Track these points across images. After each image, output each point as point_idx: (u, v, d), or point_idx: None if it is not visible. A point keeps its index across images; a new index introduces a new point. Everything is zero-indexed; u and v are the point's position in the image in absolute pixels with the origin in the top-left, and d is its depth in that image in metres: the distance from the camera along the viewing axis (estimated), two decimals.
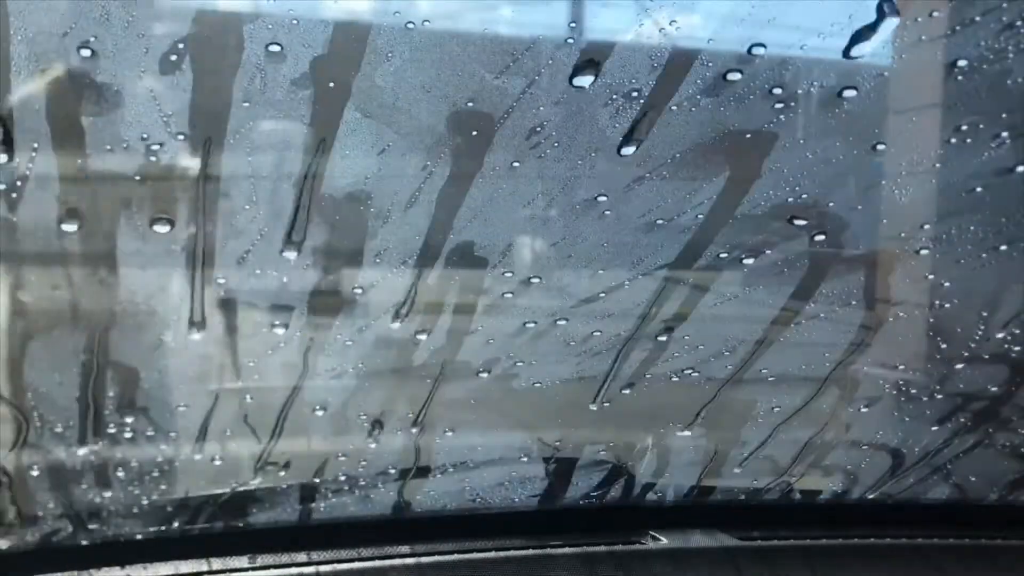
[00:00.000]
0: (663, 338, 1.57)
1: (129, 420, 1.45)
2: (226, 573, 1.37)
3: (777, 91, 1.39)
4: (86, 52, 1.21)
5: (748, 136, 1.44)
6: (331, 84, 1.29)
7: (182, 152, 1.30)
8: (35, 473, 1.43)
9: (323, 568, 1.38)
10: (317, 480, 1.53)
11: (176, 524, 1.46)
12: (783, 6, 1.35)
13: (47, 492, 1.44)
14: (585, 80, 1.34)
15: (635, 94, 1.36)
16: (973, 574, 1.61)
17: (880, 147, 1.50)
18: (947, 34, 1.40)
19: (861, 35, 1.35)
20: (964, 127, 1.45)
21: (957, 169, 1.47)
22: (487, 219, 1.42)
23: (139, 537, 1.45)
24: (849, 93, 1.41)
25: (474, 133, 1.37)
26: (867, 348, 1.66)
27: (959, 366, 1.64)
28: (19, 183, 1.27)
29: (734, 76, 1.37)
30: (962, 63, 1.41)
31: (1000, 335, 1.60)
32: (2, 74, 1.20)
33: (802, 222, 1.51)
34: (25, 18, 1.19)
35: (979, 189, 1.47)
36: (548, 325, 1.54)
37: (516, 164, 1.40)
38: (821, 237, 1.53)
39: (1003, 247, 1.54)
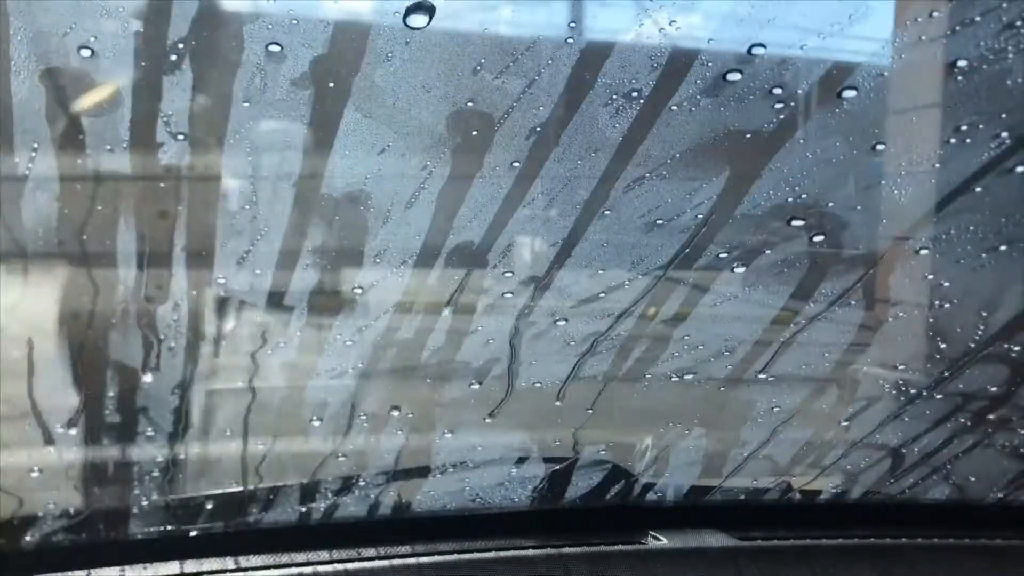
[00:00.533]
0: (662, 338, 1.57)
1: (129, 420, 1.45)
2: (226, 573, 1.37)
3: (777, 91, 1.39)
4: (86, 52, 1.21)
5: (748, 136, 1.44)
6: (331, 84, 1.29)
7: (182, 152, 1.30)
8: (35, 473, 1.44)
9: (322, 568, 1.37)
10: (317, 480, 1.53)
11: (176, 524, 1.46)
12: (783, 6, 1.35)
13: (47, 492, 1.44)
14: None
15: (635, 94, 1.36)
16: (973, 574, 1.61)
17: (880, 147, 1.50)
18: (947, 34, 1.40)
19: None
20: (964, 127, 1.45)
21: (957, 169, 1.47)
22: (487, 219, 1.42)
23: (139, 537, 1.45)
24: (849, 93, 1.41)
25: (474, 133, 1.37)
26: (867, 348, 1.66)
27: (959, 366, 1.64)
28: (19, 183, 1.27)
29: (734, 76, 1.37)
30: (962, 63, 1.41)
31: (1000, 335, 1.60)
32: (2, 74, 1.20)
33: (802, 222, 1.51)
34: (25, 18, 1.19)
35: (979, 189, 1.47)
36: (548, 325, 1.54)
37: (516, 164, 1.40)
38: (821, 237, 1.53)
39: (1003, 247, 1.54)
